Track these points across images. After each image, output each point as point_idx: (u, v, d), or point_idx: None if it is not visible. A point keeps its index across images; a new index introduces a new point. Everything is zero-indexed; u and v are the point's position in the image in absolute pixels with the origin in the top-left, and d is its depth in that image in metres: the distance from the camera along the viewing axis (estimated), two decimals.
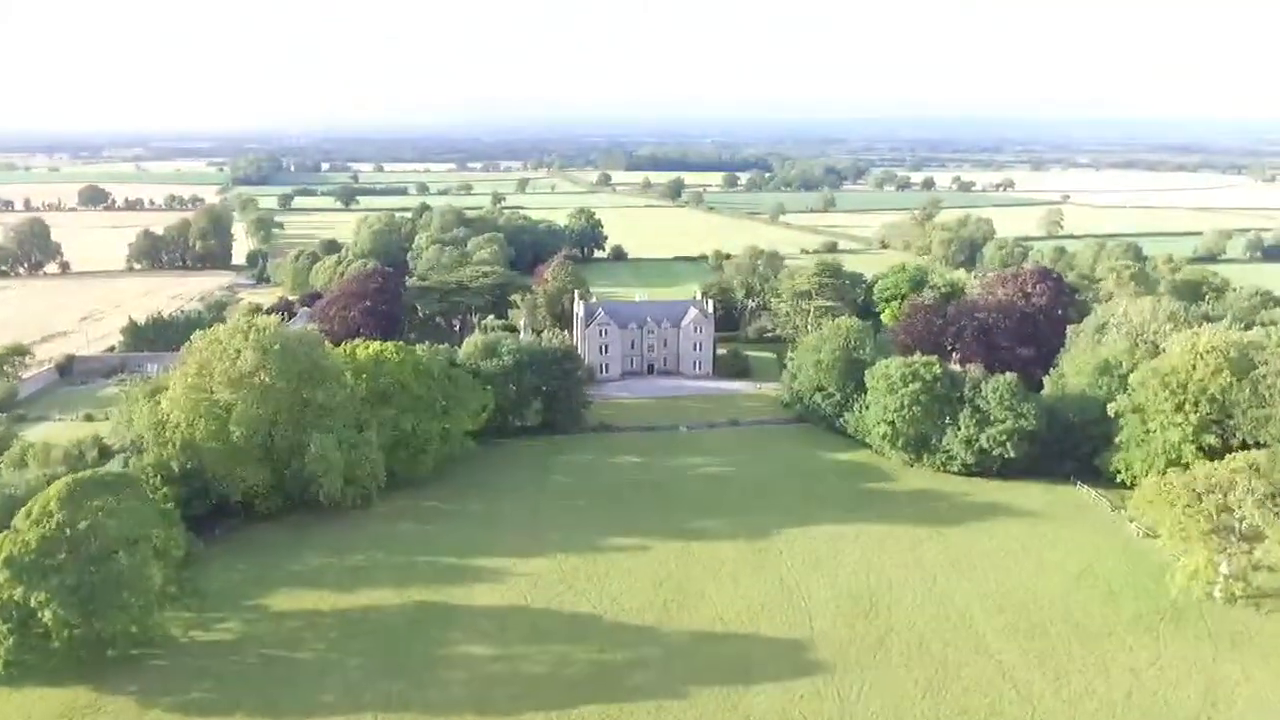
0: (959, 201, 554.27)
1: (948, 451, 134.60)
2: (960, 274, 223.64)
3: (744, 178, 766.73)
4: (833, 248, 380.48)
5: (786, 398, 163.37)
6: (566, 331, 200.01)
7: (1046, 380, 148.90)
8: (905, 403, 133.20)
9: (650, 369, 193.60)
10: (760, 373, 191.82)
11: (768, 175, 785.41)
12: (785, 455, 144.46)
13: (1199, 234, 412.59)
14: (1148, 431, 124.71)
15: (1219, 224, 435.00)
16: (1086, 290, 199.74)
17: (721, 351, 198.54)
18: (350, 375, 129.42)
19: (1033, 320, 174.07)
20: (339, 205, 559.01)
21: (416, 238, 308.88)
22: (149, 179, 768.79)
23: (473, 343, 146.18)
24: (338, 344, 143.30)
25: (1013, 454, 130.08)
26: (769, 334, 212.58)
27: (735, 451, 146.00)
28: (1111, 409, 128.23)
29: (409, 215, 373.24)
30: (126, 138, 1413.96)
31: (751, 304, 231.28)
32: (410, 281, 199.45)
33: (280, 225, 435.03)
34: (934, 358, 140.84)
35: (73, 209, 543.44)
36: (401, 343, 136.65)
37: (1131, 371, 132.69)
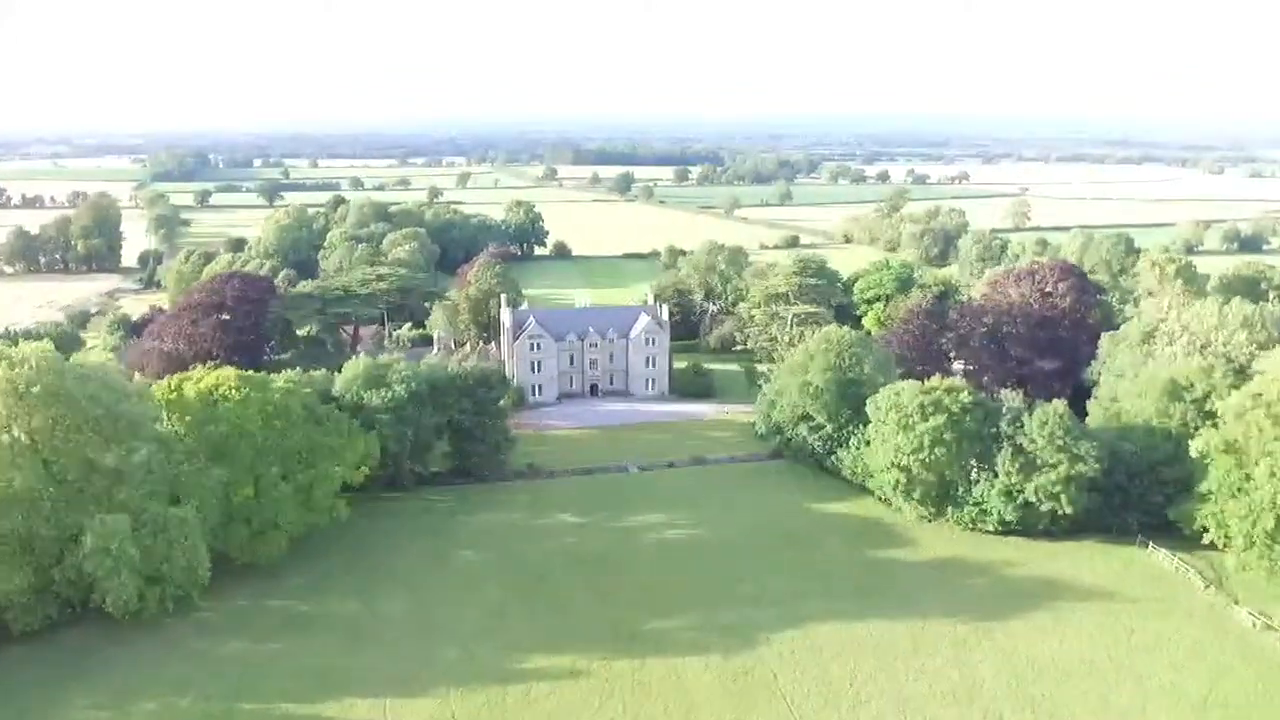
0: (917, 194, 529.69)
1: (980, 505, 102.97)
2: (953, 270, 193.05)
3: (695, 171, 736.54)
4: (794, 242, 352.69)
5: (762, 429, 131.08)
6: (495, 344, 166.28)
7: (1091, 405, 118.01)
8: (925, 443, 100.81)
9: (593, 390, 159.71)
10: (726, 391, 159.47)
11: (719, 169, 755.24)
12: (766, 508, 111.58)
13: (1170, 225, 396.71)
14: (1248, 477, 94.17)
15: (1181, 214, 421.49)
16: (1113, 288, 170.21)
17: (679, 365, 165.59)
18: (175, 421, 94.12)
19: (1055, 326, 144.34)
20: (263, 202, 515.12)
21: (329, 234, 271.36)
22: (65, 176, 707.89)
23: (354, 369, 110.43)
24: (184, 370, 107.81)
25: (1069, 509, 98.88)
26: (736, 345, 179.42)
27: (701, 503, 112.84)
28: (1194, 447, 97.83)
29: (322, 210, 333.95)
30: (52, 135, 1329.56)
31: (713, 308, 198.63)
32: (284, 288, 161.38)
33: (187, 223, 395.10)
34: (958, 381, 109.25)
35: None
36: (251, 372, 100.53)
37: (1210, 396, 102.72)
